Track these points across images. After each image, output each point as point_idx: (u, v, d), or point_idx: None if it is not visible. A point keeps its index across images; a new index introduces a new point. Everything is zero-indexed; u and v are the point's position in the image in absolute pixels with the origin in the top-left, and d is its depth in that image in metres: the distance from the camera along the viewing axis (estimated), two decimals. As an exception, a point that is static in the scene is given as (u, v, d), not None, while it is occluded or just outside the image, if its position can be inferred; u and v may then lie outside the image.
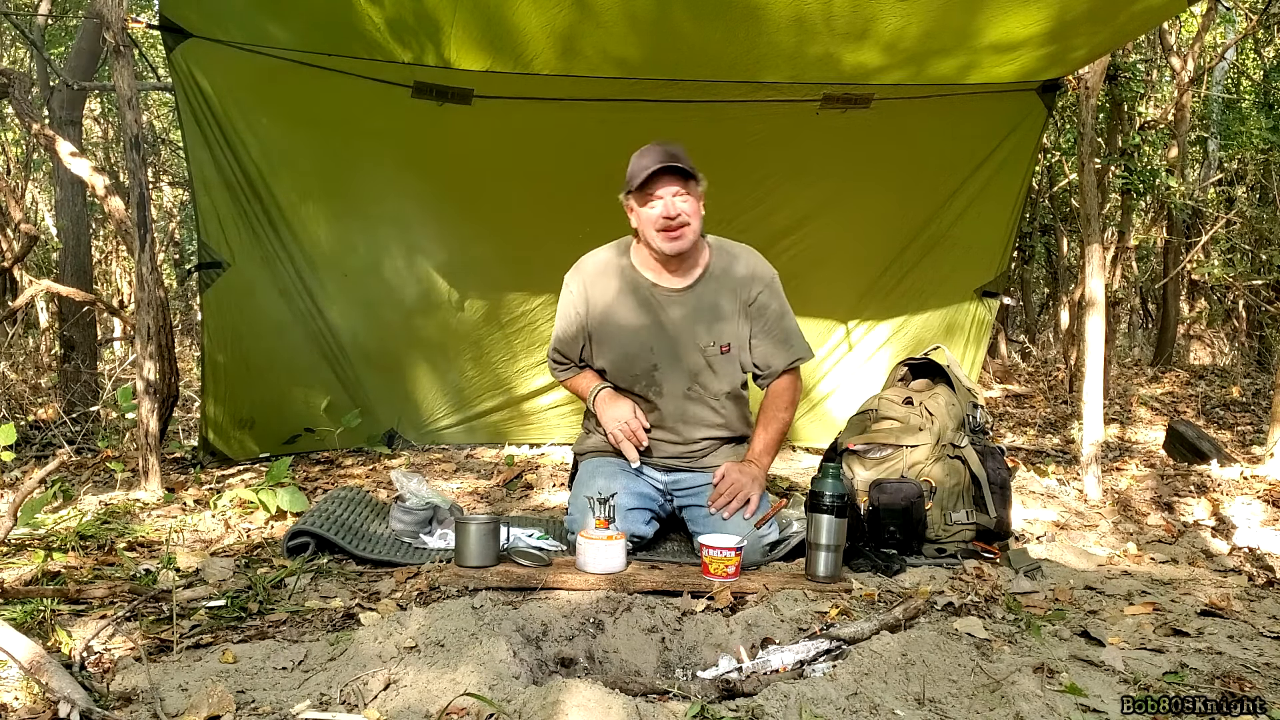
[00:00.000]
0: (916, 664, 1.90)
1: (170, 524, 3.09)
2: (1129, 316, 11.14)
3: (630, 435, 2.82)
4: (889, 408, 3.19)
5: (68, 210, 5.74)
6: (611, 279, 2.88)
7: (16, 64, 8.62)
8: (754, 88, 4.12)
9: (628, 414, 2.84)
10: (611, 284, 2.87)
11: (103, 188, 4.07)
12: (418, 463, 4.40)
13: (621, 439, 2.83)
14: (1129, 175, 6.68)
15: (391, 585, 2.51)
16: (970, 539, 2.93)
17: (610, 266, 2.90)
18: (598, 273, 2.90)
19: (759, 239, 4.51)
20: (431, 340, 4.72)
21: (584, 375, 2.99)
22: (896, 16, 3.41)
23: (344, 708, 1.70)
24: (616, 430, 2.83)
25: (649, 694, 1.81)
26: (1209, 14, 7.46)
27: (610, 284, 2.87)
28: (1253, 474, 4.12)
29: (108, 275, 10.57)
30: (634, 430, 2.82)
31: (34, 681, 1.70)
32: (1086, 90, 4.12)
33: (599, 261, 2.92)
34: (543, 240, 4.44)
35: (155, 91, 8.96)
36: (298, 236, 4.21)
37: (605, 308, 2.87)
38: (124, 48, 3.52)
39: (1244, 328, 9.26)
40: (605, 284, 2.88)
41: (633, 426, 2.82)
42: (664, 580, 2.46)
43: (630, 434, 2.82)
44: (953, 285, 4.77)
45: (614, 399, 2.89)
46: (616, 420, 2.84)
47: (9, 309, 5.39)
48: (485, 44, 3.72)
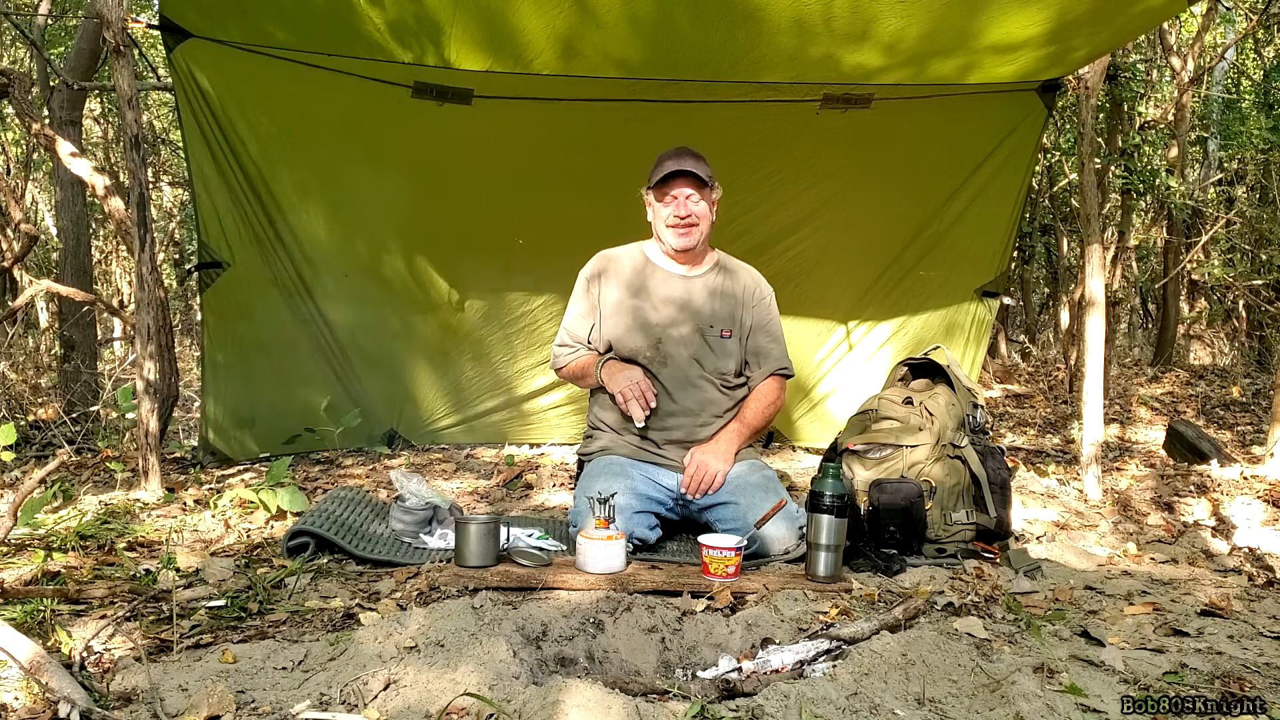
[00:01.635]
0: (916, 664, 1.90)
1: (170, 524, 3.09)
2: (1129, 316, 11.14)
3: (639, 396, 2.87)
4: (889, 408, 3.19)
5: (68, 210, 5.74)
6: (625, 263, 3.09)
7: (16, 64, 8.62)
8: (754, 88, 4.13)
9: (637, 375, 2.93)
10: (625, 266, 3.08)
11: (103, 188, 4.07)
12: (418, 463, 4.40)
13: (630, 398, 2.88)
14: (1129, 175, 6.69)
15: (391, 585, 2.51)
16: (970, 539, 2.93)
17: (625, 254, 3.12)
18: (609, 262, 3.11)
19: (759, 239, 4.57)
20: (431, 340, 4.72)
21: (589, 355, 3.07)
22: (896, 18, 3.41)
23: (344, 708, 1.70)
24: (625, 388, 2.89)
25: (649, 694, 1.81)
26: (1209, 14, 7.46)
27: (624, 266, 3.09)
28: (1253, 474, 4.12)
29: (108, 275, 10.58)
30: (643, 390, 2.89)
31: (34, 681, 1.70)
32: (1086, 90, 4.12)
33: (609, 254, 3.14)
34: (543, 240, 4.45)
35: (155, 91, 8.95)
36: (298, 236, 4.21)
37: (616, 284, 3.06)
38: (124, 48, 3.52)
39: (1244, 328, 9.26)
40: (619, 266, 3.09)
41: (642, 387, 2.89)
42: (664, 580, 2.46)
43: (639, 394, 2.87)
44: (953, 285, 4.77)
45: (622, 365, 2.99)
46: (626, 380, 2.91)
47: (9, 309, 5.39)
48: (485, 45, 3.72)
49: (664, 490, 2.95)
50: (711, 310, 3.02)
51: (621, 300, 3.02)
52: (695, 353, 2.98)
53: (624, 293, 3.03)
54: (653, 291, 3.03)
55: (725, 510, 2.83)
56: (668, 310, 3.01)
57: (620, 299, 3.03)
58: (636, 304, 3.02)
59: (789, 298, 3.27)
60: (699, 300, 3.02)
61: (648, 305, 3.01)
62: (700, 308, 3.01)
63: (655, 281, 3.04)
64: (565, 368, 3.12)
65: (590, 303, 3.07)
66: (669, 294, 3.02)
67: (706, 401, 3.00)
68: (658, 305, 3.01)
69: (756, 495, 2.80)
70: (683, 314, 3.00)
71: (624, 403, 2.89)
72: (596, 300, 3.05)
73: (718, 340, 3.00)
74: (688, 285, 3.04)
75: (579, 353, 3.08)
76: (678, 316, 3.00)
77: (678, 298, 3.02)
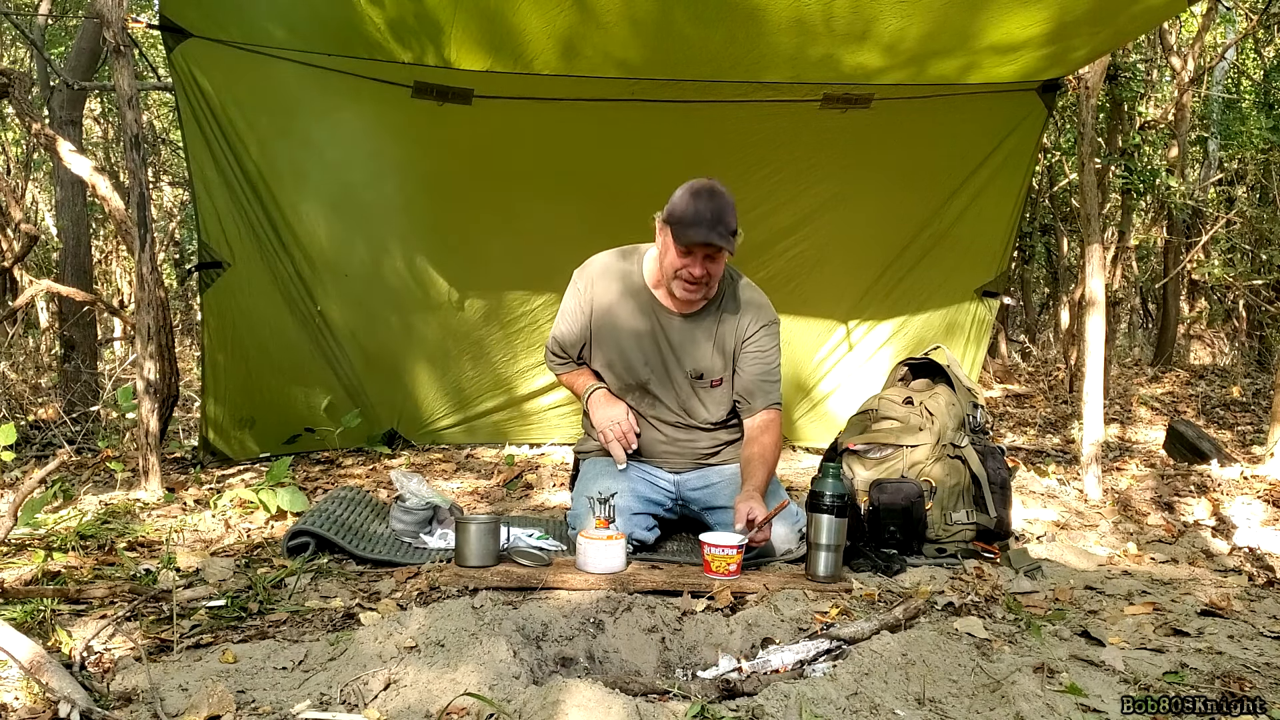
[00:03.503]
0: (916, 664, 1.90)
1: (170, 524, 3.09)
2: (1129, 316, 11.13)
3: (620, 436, 2.83)
4: (889, 408, 3.19)
5: (68, 210, 5.74)
6: (617, 283, 2.89)
7: (16, 64, 8.62)
8: (754, 88, 4.12)
9: (620, 415, 2.86)
10: (616, 288, 2.89)
11: (103, 188, 4.07)
12: (418, 463, 4.40)
13: (611, 439, 2.83)
14: (1129, 175, 6.68)
15: (391, 585, 2.51)
16: (970, 539, 2.93)
17: (617, 271, 2.90)
18: (605, 275, 2.91)
19: (760, 239, 4.56)
20: (431, 340, 4.72)
21: (581, 373, 3.01)
22: (897, 18, 3.41)
23: (344, 708, 1.70)
24: (607, 429, 2.84)
25: (649, 694, 1.81)
26: (1209, 14, 7.46)
27: (616, 288, 2.89)
28: (1253, 474, 4.12)
29: (108, 275, 10.57)
30: (624, 431, 2.84)
31: (34, 681, 1.70)
32: (1086, 90, 4.12)
33: (606, 264, 2.93)
34: (543, 240, 4.45)
35: (155, 91, 8.95)
36: (298, 236, 4.21)
37: (608, 310, 2.89)
38: (124, 48, 3.52)
39: (1244, 328, 9.26)
40: (611, 287, 2.89)
41: (624, 427, 2.84)
42: (664, 580, 2.46)
43: (620, 435, 2.83)
44: (953, 285, 4.76)
45: (608, 400, 2.91)
46: (609, 419, 2.85)
47: (9, 309, 5.39)
48: (485, 44, 3.72)
49: (662, 490, 2.95)
50: (709, 363, 2.87)
51: (614, 328, 2.88)
52: (683, 402, 2.91)
53: (617, 321, 2.88)
54: (646, 332, 2.86)
55: (726, 513, 2.82)
56: (659, 355, 2.88)
57: (613, 326, 2.88)
58: (628, 340, 2.88)
59: (789, 298, 3.27)
60: (693, 351, 2.86)
61: (639, 345, 2.87)
62: (693, 357, 2.86)
63: (652, 321, 2.86)
64: (558, 375, 3.10)
65: (581, 324, 2.91)
66: (665, 339, 2.87)
67: (692, 444, 2.96)
68: (649, 347, 2.87)
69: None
70: (674, 360, 2.87)
71: (606, 442, 2.85)
72: (587, 321, 2.91)
73: (707, 391, 2.89)
74: (684, 332, 2.86)
75: (570, 366, 3.02)
76: (669, 361, 2.87)
77: (674, 343, 2.86)
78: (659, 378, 2.89)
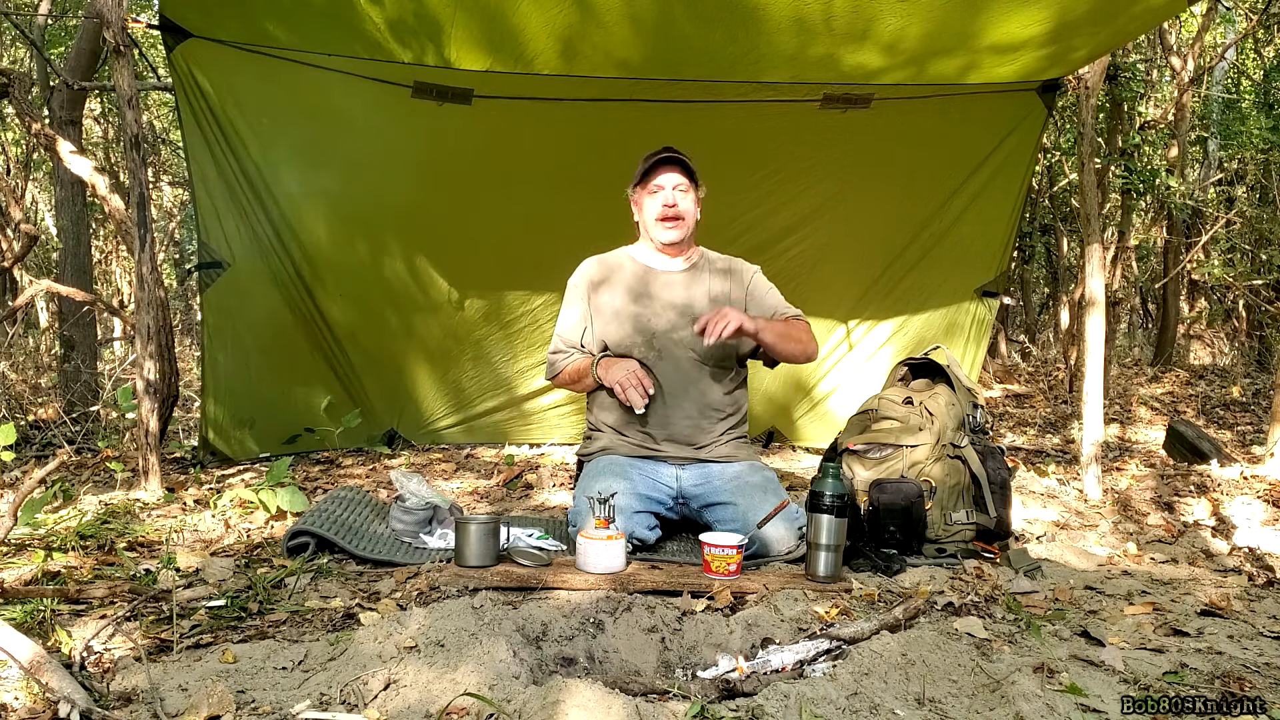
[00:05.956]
0: (916, 664, 1.90)
1: (170, 524, 3.09)
2: (1129, 316, 11.14)
3: (636, 384, 2.88)
4: (889, 408, 3.19)
5: (68, 210, 5.74)
6: (615, 267, 3.12)
7: (16, 64, 8.62)
8: (754, 88, 4.13)
9: (633, 365, 2.94)
10: (614, 270, 3.11)
11: (103, 188, 4.07)
12: (418, 463, 4.40)
13: (628, 387, 2.88)
14: (1129, 175, 6.68)
15: (391, 585, 2.51)
16: (970, 539, 2.93)
17: (608, 259, 3.16)
18: (603, 262, 3.14)
19: (759, 239, 4.56)
20: (431, 340, 4.72)
21: (583, 357, 3.07)
22: (897, 18, 3.41)
23: (344, 708, 1.70)
24: (622, 379, 2.89)
25: (649, 694, 1.81)
26: (1209, 14, 7.47)
27: (613, 270, 3.11)
28: (1253, 474, 4.12)
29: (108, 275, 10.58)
30: (641, 379, 2.89)
31: (34, 681, 1.70)
32: (1086, 90, 4.12)
33: (596, 258, 3.17)
34: (543, 240, 4.44)
35: (155, 91, 8.96)
36: (298, 236, 4.21)
37: (608, 288, 3.08)
38: (124, 48, 3.52)
39: (1244, 328, 9.26)
40: (609, 270, 3.11)
41: (640, 375, 2.90)
42: (664, 580, 2.46)
43: (636, 383, 2.88)
44: (953, 285, 4.77)
45: (618, 360, 3.00)
46: (623, 370, 2.91)
47: (9, 309, 5.39)
48: (485, 44, 3.72)
49: (664, 490, 2.95)
50: (704, 302, 3.03)
51: (623, 307, 3.04)
52: (689, 352, 3.00)
53: (625, 299, 3.04)
54: (655, 296, 3.04)
55: (726, 511, 2.83)
56: (669, 315, 3.02)
57: (621, 306, 3.04)
58: (638, 310, 3.03)
59: (789, 298, 3.26)
60: (700, 304, 3.03)
61: (649, 311, 3.03)
62: (693, 304, 3.03)
63: (657, 286, 3.05)
64: (561, 373, 3.12)
65: (585, 308, 3.08)
66: (670, 299, 3.04)
67: (706, 403, 3.01)
68: (659, 310, 3.03)
69: (757, 496, 2.80)
70: (683, 318, 3.01)
71: (622, 393, 2.90)
72: (587, 304, 3.07)
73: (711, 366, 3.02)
74: (689, 290, 3.05)
75: (573, 356, 3.08)
76: (678, 321, 3.01)
77: (679, 303, 3.03)
78: (664, 331, 3.00)
